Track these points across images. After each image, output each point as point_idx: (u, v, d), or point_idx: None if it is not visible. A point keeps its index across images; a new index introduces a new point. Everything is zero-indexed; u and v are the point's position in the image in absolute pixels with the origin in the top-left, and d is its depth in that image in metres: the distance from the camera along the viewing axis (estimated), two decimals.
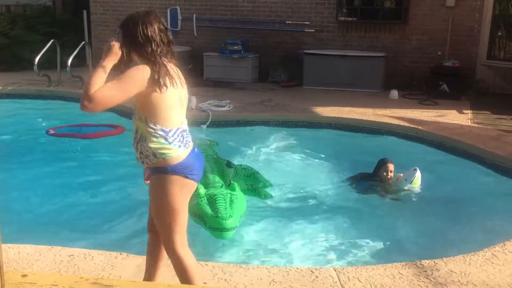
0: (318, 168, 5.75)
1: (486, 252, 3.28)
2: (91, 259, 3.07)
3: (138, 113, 2.51)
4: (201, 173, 2.70)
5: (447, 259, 3.17)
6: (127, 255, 3.15)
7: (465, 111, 8.03)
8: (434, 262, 3.12)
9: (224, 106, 7.77)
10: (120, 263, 3.05)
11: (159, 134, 2.47)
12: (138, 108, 2.50)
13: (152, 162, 2.52)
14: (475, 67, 9.87)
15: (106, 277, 2.83)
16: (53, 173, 5.39)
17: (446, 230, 4.28)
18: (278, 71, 10.70)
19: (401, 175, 5.01)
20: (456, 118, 7.53)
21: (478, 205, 4.78)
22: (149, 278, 2.78)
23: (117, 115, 7.82)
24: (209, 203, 3.85)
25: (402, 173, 5.03)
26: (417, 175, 4.94)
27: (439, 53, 9.87)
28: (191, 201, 3.60)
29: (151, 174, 2.60)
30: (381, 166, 5.16)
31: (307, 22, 10.64)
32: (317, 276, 2.93)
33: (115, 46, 2.46)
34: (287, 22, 10.76)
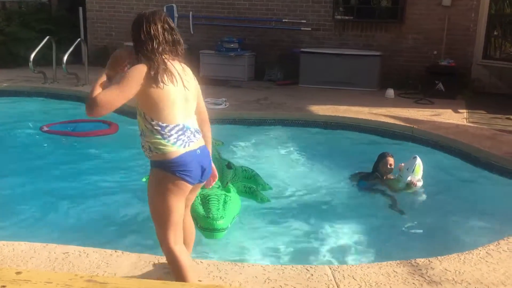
0: (313, 167, 5.76)
1: (480, 250, 3.30)
2: (86, 257, 3.06)
3: (138, 109, 2.59)
4: (203, 176, 2.67)
5: (442, 257, 3.18)
6: (122, 252, 3.14)
7: (461, 110, 8.05)
8: (429, 261, 3.13)
9: (221, 104, 7.76)
10: (115, 260, 3.04)
11: (155, 129, 2.52)
12: (138, 104, 2.57)
13: (149, 155, 2.59)
14: (470, 67, 9.90)
15: (101, 275, 2.83)
16: (47, 170, 5.37)
17: (441, 229, 4.29)
18: (274, 69, 10.70)
19: (402, 164, 4.99)
20: (451, 117, 7.56)
21: (472, 204, 4.80)
22: None
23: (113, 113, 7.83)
24: (202, 203, 3.85)
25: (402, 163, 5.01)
26: (418, 163, 4.85)
27: (435, 52, 9.90)
28: None
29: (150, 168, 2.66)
30: (380, 160, 5.15)
31: (303, 20, 10.65)
32: (312, 274, 2.93)
33: (119, 55, 2.57)
34: (283, 20, 10.76)
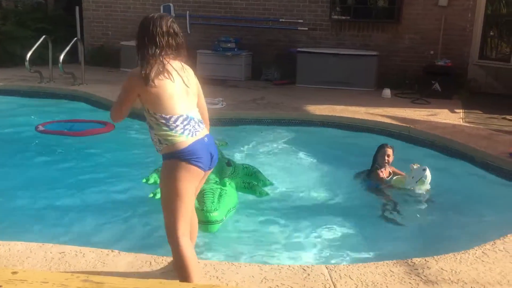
0: (310, 167, 5.76)
1: (476, 250, 3.30)
2: (82, 256, 3.06)
3: (143, 105, 2.69)
4: (212, 163, 2.76)
5: (438, 257, 3.19)
6: (119, 252, 3.13)
7: (457, 110, 8.08)
8: (425, 260, 3.13)
9: (217, 104, 7.75)
10: (112, 260, 3.04)
11: (161, 122, 2.62)
12: (142, 101, 2.67)
13: (160, 148, 2.69)
14: (467, 67, 9.93)
15: (97, 275, 2.82)
16: (43, 170, 5.35)
17: (437, 229, 4.31)
18: (271, 69, 10.70)
19: (414, 166, 4.94)
20: (448, 117, 7.58)
21: (468, 204, 4.81)
22: None
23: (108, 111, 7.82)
24: (197, 196, 3.87)
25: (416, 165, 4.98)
26: (424, 176, 4.80)
27: (431, 52, 9.92)
28: None
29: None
30: (379, 151, 5.17)
31: (300, 20, 10.65)
32: (309, 274, 2.93)
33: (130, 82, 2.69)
34: (280, 20, 10.76)
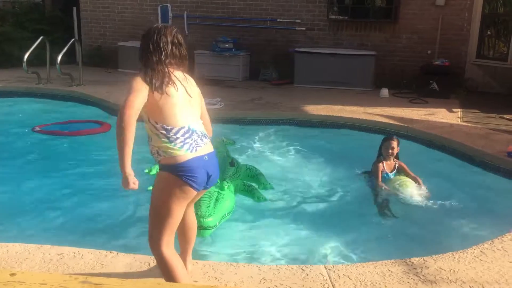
0: (308, 167, 5.76)
1: (474, 249, 3.31)
2: (80, 258, 3.05)
3: (144, 115, 2.59)
4: (208, 183, 2.67)
5: (436, 256, 3.19)
6: (117, 253, 3.13)
7: (455, 110, 8.09)
8: (424, 260, 3.14)
9: (215, 104, 7.75)
10: (110, 261, 3.03)
11: (161, 132, 2.55)
12: (143, 110, 2.55)
13: (158, 159, 2.61)
14: (464, 66, 9.95)
15: (95, 276, 2.82)
16: (40, 171, 5.34)
17: (435, 228, 4.31)
18: (269, 69, 10.70)
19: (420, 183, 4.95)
20: (445, 116, 7.59)
21: (466, 203, 4.82)
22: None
23: (108, 113, 7.81)
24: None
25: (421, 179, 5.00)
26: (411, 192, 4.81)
27: (429, 52, 9.94)
28: None
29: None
30: (383, 143, 5.13)
31: (298, 20, 10.66)
32: (307, 274, 2.93)
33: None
34: (278, 20, 10.77)
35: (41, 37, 9.22)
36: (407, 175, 5.10)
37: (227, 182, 4.33)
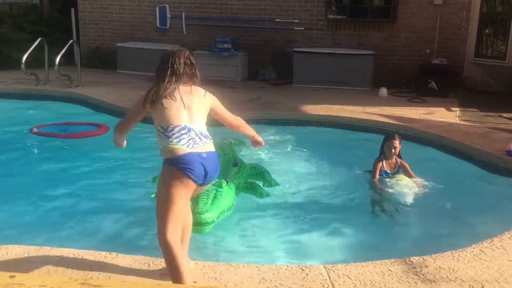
0: (307, 166, 5.76)
1: (474, 248, 3.31)
2: (80, 259, 3.05)
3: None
4: (206, 179, 2.85)
5: (436, 255, 3.19)
6: (117, 254, 3.13)
7: (453, 109, 8.10)
8: (423, 259, 3.14)
9: None
10: (110, 262, 3.03)
11: (161, 132, 2.84)
12: (152, 117, 2.92)
13: (161, 157, 2.88)
14: (463, 65, 9.96)
15: (95, 277, 2.82)
16: (39, 173, 5.34)
17: (435, 227, 4.31)
18: (267, 69, 10.70)
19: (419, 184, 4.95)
20: (444, 115, 7.59)
21: (466, 202, 4.83)
22: None
23: (107, 114, 7.80)
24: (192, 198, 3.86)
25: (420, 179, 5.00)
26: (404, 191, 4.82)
27: (427, 51, 9.94)
28: None
29: None
30: (386, 141, 5.08)
31: (296, 20, 10.66)
32: (307, 274, 2.93)
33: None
34: (276, 20, 10.77)
35: (39, 38, 9.20)
36: (408, 174, 5.09)
37: (227, 180, 4.33)
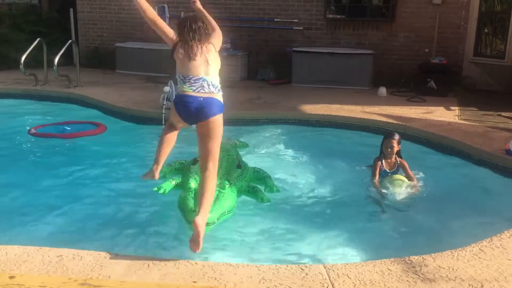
0: (306, 166, 5.76)
1: (473, 247, 3.31)
2: (80, 259, 3.05)
3: None
4: (197, 116, 3.56)
5: (435, 254, 3.19)
6: (116, 255, 3.13)
7: (453, 108, 8.10)
8: (423, 258, 3.14)
9: None
10: (109, 263, 3.03)
11: (180, 78, 3.64)
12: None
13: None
14: (462, 64, 9.97)
15: (95, 278, 2.82)
16: (38, 173, 5.32)
17: (434, 226, 4.31)
18: (267, 68, 10.71)
19: (416, 184, 4.93)
20: (443, 114, 7.60)
21: (465, 201, 4.83)
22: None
23: (106, 114, 7.81)
24: (194, 197, 3.85)
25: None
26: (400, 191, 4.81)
27: (426, 50, 9.96)
28: (181, 195, 3.89)
29: None
30: (384, 140, 5.08)
31: (295, 19, 10.67)
32: (307, 274, 2.93)
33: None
34: (275, 20, 10.77)
35: (38, 38, 9.21)
36: (406, 174, 5.08)
37: (229, 182, 4.32)
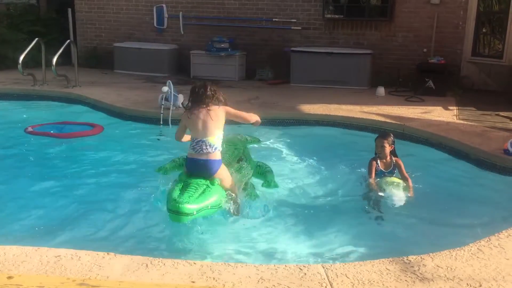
0: (304, 166, 5.76)
1: (471, 247, 3.31)
2: (78, 260, 3.04)
3: None
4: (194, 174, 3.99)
5: (434, 254, 3.19)
6: (115, 255, 3.12)
7: (451, 108, 8.11)
8: (421, 258, 3.14)
9: None
10: (108, 263, 3.02)
11: (191, 141, 4.15)
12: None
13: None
14: (460, 64, 9.98)
15: (93, 278, 2.81)
16: (36, 173, 5.30)
17: (432, 226, 4.32)
18: (265, 68, 10.71)
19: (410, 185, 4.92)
20: (442, 114, 7.61)
21: (463, 201, 4.83)
22: None
23: (105, 114, 7.80)
24: (182, 188, 3.87)
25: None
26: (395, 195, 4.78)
27: (424, 50, 9.96)
28: (171, 184, 4.18)
29: None
30: (375, 140, 5.09)
31: (294, 19, 10.67)
32: (305, 273, 2.93)
33: None
34: (274, 19, 10.77)
35: (36, 38, 9.19)
36: (401, 174, 5.07)
37: (217, 180, 4.22)
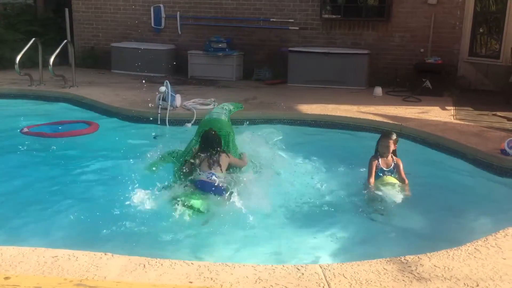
0: (302, 166, 5.75)
1: (469, 246, 3.32)
2: (75, 260, 3.04)
3: None
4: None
5: (431, 254, 3.20)
6: (112, 255, 3.12)
7: (448, 108, 8.12)
8: (418, 258, 3.15)
9: (209, 105, 7.75)
10: (105, 263, 3.02)
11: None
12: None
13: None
14: (457, 64, 10.00)
15: (90, 278, 2.81)
16: (33, 173, 5.30)
17: (429, 225, 4.32)
18: (262, 68, 10.71)
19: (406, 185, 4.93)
20: (439, 114, 7.62)
21: (460, 200, 4.84)
22: None
23: (102, 114, 7.79)
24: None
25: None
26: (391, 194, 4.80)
27: (421, 50, 9.98)
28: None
29: None
30: (380, 139, 5.05)
31: (291, 19, 10.67)
32: (303, 274, 2.93)
33: None
34: (271, 19, 10.78)
35: (33, 38, 9.17)
36: (399, 175, 5.08)
37: (199, 201, 4.47)
